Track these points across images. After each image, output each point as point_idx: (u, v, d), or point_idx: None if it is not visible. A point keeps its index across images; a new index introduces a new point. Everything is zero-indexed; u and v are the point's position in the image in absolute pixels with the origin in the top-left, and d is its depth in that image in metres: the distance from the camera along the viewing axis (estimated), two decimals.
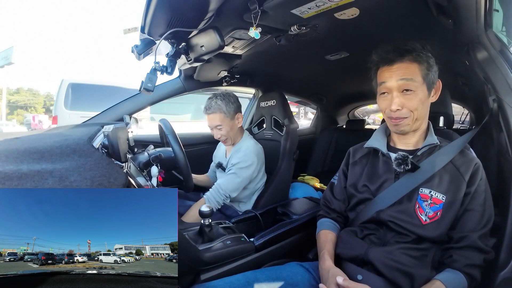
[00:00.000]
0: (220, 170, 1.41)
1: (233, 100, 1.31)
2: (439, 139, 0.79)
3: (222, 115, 1.27)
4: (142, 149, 1.19)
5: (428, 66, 0.72)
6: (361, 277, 0.71)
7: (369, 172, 0.84)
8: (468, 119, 1.81)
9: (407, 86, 0.71)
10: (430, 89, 0.74)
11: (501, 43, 0.82)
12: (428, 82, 0.73)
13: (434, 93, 0.77)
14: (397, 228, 0.73)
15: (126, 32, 1.19)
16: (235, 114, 1.31)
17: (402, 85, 0.72)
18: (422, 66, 0.72)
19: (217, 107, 1.26)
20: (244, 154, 1.27)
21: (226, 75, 1.48)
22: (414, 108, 0.72)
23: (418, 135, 0.80)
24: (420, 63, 0.72)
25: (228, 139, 1.33)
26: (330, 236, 0.84)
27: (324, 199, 0.96)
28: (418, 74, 0.71)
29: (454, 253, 0.68)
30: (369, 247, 0.73)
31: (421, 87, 0.72)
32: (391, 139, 0.85)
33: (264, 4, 0.80)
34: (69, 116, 3.79)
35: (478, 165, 0.73)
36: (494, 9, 0.79)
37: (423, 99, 0.72)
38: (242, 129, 1.41)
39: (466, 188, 0.70)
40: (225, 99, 1.27)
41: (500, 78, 0.77)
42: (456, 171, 0.72)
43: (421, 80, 0.72)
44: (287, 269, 0.80)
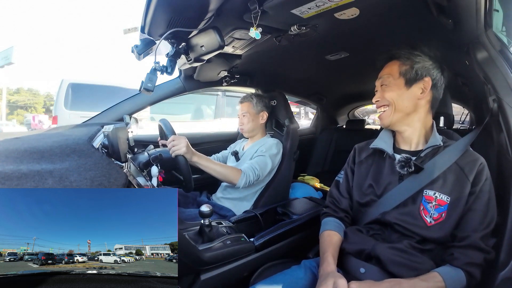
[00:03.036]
0: (233, 158, 1.48)
1: (264, 100, 1.50)
2: (444, 139, 0.79)
3: (251, 106, 1.46)
4: (142, 149, 1.19)
5: (411, 63, 0.79)
6: (364, 270, 0.71)
7: (374, 173, 0.83)
8: (468, 119, 1.80)
9: (383, 81, 0.83)
10: (410, 83, 0.78)
11: (501, 43, 0.82)
12: (407, 77, 0.78)
13: (423, 90, 0.78)
14: (402, 230, 0.73)
15: (126, 32, 1.19)
16: (261, 111, 1.47)
17: (381, 81, 0.84)
18: (403, 63, 0.80)
19: (249, 98, 1.47)
20: (272, 144, 1.39)
21: (226, 75, 1.48)
22: (390, 98, 0.80)
23: (417, 134, 0.80)
24: (401, 60, 0.80)
25: (247, 130, 1.46)
26: (335, 238, 0.81)
27: (331, 197, 0.93)
28: (396, 70, 0.80)
29: (455, 251, 0.68)
30: (376, 243, 0.73)
31: (396, 81, 0.80)
32: (396, 140, 0.85)
33: (264, 4, 0.80)
34: (69, 116, 3.78)
35: (483, 165, 0.73)
36: (494, 9, 0.79)
37: (399, 91, 0.79)
38: (264, 130, 1.53)
39: (471, 188, 0.70)
40: (257, 96, 1.49)
41: (500, 78, 0.77)
42: (461, 171, 0.72)
43: (397, 75, 0.80)
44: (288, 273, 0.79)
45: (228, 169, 1.22)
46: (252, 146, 1.43)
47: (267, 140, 1.42)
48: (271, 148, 1.35)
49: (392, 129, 0.84)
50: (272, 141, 1.40)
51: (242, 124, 1.47)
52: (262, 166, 1.29)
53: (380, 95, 0.83)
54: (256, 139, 1.48)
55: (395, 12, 0.87)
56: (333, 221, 0.87)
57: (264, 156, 1.31)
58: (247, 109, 1.45)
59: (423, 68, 0.78)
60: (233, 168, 1.24)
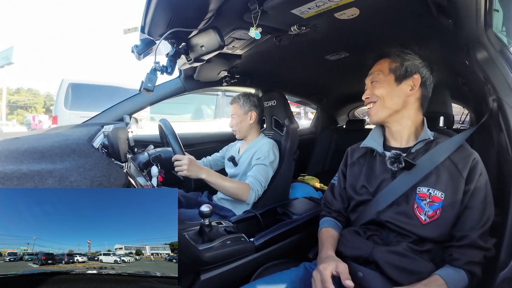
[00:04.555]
0: (231, 164, 1.47)
1: (252, 99, 1.48)
2: (435, 135, 0.79)
3: (238, 106, 1.45)
4: (142, 149, 1.19)
5: (401, 60, 0.81)
6: (361, 274, 0.71)
7: (367, 173, 0.84)
8: (468, 119, 1.80)
9: (373, 78, 0.85)
10: (399, 80, 0.80)
11: (501, 43, 0.82)
12: (397, 74, 0.80)
13: (412, 87, 0.79)
14: (398, 229, 0.73)
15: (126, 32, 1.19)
16: (249, 111, 1.45)
17: (370, 78, 0.86)
18: (392, 61, 0.82)
19: (236, 99, 1.47)
20: (268, 149, 1.37)
21: (226, 75, 1.48)
22: (380, 94, 0.81)
23: (406, 131, 0.81)
24: (391, 58, 0.82)
25: (238, 131, 1.46)
26: (332, 232, 0.84)
27: (325, 201, 0.96)
28: (386, 67, 0.82)
29: (454, 251, 0.68)
30: (374, 247, 0.73)
31: (386, 77, 0.81)
32: (386, 138, 0.86)
33: (264, 4, 0.80)
34: (69, 116, 3.79)
35: (476, 160, 0.72)
36: (494, 9, 0.79)
37: (389, 88, 0.80)
38: (258, 130, 1.51)
39: (465, 186, 0.70)
40: (245, 96, 1.47)
41: (500, 78, 0.77)
42: (454, 167, 0.72)
43: (387, 72, 0.81)
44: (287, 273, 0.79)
45: (236, 184, 1.21)
46: (248, 149, 1.42)
47: (262, 143, 1.41)
48: (269, 155, 1.34)
49: (382, 124, 0.86)
50: (267, 145, 1.38)
51: (232, 126, 1.48)
52: (266, 176, 1.30)
53: (370, 92, 0.85)
54: (250, 140, 1.47)
55: (395, 12, 0.87)
56: (330, 220, 0.90)
57: (266, 166, 1.31)
58: (235, 110, 1.46)
59: (413, 65, 0.80)
60: (240, 183, 1.23)
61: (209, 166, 1.59)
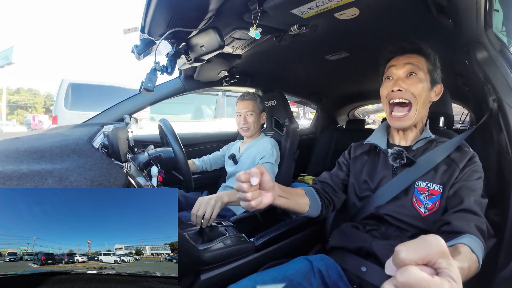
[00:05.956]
0: (231, 162, 1.47)
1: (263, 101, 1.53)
2: (436, 136, 0.80)
3: (256, 104, 1.45)
4: (142, 149, 1.19)
5: (434, 64, 0.77)
6: (365, 268, 0.71)
7: (369, 169, 0.84)
8: (468, 119, 1.80)
9: (413, 69, 0.74)
10: (432, 85, 0.77)
11: (501, 43, 0.82)
12: (432, 77, 0.76)
13: (436, 94, 0.78)
14: (397, 223, 0.73)
15: (126, 32, 1.19)
16: (262, 111, 1.49)
17: (408, 68, 0.75)
18: (429, 62, 0.77)
19: (253, 96, 1.46)
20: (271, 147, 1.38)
21: (226, 75, 1.48)
22: (417, 94, 0.73)
23: (415, 131, 0.81)
24: (427, 58, 0.77)
25: (250, 129, 1.44)
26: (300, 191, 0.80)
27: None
28: (425, 65, 0.76)
29: (451, 218, 0.63)
30: (373, 240, 0.73)
31: (425, 76, 0.75)
32: (391, 136, 0.86)
33: (264, 4, 0.80)
34: (69, 116, 3.79)
35: (473, 155, 0.73)
36: (494, 9, 0.79)
37: (426, 89, 0.75)
38: (260, 130, 1.53)
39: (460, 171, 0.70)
40: (258, 96, 1.50)
41: (500, 78, 0.77)
42: (452, 162, 0.73)
43: (426, 70, 0.75)
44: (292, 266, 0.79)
45: None
46: (248, 148, 1.42)
47: (263, 141, 1.42)
48: (272, 153, 1.36)
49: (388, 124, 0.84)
50: (269, 143, 1.39)
51: (246, 123, 1.43)
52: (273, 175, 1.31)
53: (404, 85, 0.73)
54: (251, 140, 1.48)
55: (395, 12, 0.87)
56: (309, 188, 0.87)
57: (272, 164, 1.33)
58: (253, 108, 1.42)
59: (439, 74, 0.79)
60: None
61: (209, 164, 1.59)
